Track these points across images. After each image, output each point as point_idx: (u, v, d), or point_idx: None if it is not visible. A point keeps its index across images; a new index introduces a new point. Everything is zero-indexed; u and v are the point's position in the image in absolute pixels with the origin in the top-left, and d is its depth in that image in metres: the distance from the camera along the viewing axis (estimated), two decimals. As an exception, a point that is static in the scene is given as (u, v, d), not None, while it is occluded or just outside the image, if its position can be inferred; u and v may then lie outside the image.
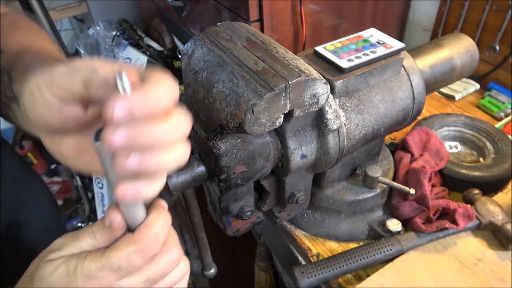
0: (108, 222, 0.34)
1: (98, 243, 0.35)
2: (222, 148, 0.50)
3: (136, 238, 0.34)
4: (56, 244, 0.36)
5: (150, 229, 0.34)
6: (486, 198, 0.73)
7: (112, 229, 0.34)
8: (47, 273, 0.34)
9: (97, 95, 0.31)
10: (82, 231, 0.36)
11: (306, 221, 0.76)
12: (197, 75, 0.52)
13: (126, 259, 0.33)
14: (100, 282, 0.33)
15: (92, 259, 0.34)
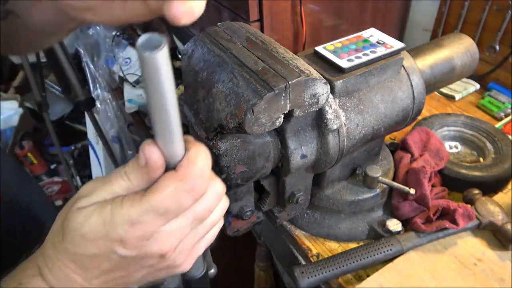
0: (144, 160, 0.30)
1: (133, 186, 0.31)
2: (222, 148, 0.50)
3: (183, 176, 0.30)
4: (84, 190, 0.32)
5: (195, 164, 0.30)
6: (486, 198, 0.73)
7: (149, 169, 0.30)
8: (77, 223, 0.30)
9: None
10: (113, 173, 0.32)
11: (306, 221, 0.76)
12: (197, 75, 0.52)
13: (174, 200, 0.30)
14: (144, 228, 0.30)
15: (131, 203, 0.30)
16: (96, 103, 1.47)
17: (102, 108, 1.46)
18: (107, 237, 0.30)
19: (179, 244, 0.33)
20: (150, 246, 0.31)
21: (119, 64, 1.34)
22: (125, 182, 0.31)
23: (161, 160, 0.30)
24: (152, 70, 0.24)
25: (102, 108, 1.45)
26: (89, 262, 0.31)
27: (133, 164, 0.31)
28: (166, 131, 0.29)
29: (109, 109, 1.45)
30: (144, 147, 0.30)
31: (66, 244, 0.31)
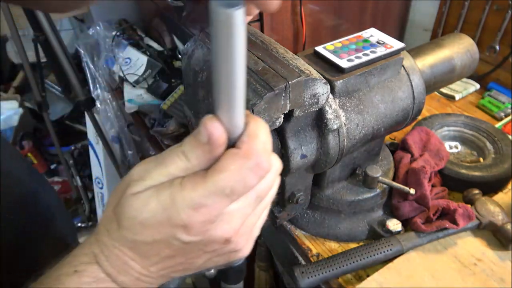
0: (206, 136, 0.27)
1: (192, 165, 0.28)
2: (222, 148, 0.50)
3: (247, 152, 0.27)
4: (136, 173, 0.30)
5: (258, 139, 0.28)
6: (486, 198, 0.73)
7: (212, 146, 0.27)
8: (135, 209, 0.28)
9: None
10: (167, 154, 0.29)
11: (306, 221, 0.76)
12: (197, 75, 0.52)
13: (240, 179, 0.27)
14: (208, 211, 0.28)
15: (192, 185, 0.27)
16: (96, 103, 1.47)
17: (102, 108, 1.45)
18: (169, 223, 0.28)
19: (242, 226, 0.30)
20: (215, 230, 0.29)
21: (119, 64, 1.34)
22: (182, 162, 0.28)
23: (224, 136, 0.27)
24: (227, 30, 0.22)
25: (102, 108, 1.45)
26: (148, 249, 0.29)
27: (191, 142, 0.28)
28: (232, 102, 0.26)
29: (109, 109, 1.45)
30: (206, 122, 0.27)
31: (123, 231, 0.29)
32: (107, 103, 1.45)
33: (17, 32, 1.52)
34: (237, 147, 0.28)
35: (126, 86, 1.32)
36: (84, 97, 1.59)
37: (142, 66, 1.32)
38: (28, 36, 1.80)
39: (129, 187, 0.29)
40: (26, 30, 1.99)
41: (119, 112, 1.45)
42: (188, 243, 0.29)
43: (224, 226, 0.29)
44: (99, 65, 1.42)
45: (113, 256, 0.30)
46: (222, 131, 0.27)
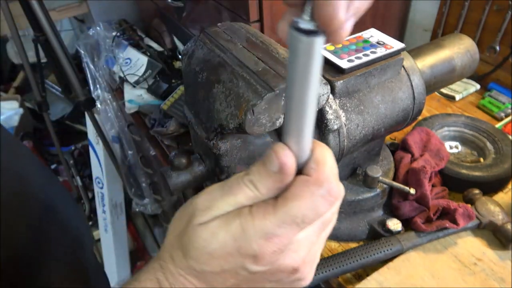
0: (277, 166, 0.26)
1: (261, 195, 0.28)
2: (223, 148, 0.50)
3: (318, 180, 0.27)
4: (201, 202, 0.29)
5: (327, 166, 0.27)
6: (486, 198, 0.73)
7: (284, 175, 0.27)
8: (203, 240, 0.28)
9: None
10: (233, 182, 0.28)
11: (306, 221, 0.76)
12: (197, 75, 0.52)
13: (313, 207, 0.27)
14: (280, 241, 0.27)
15: (263, 215, 0.27)
16: (96, 103, 1.47)
17: (102, 108, 1.46)
18: (239, 253, 0.28)
19: (308, 254, 0.30)
20: (283, 259, 0.28)
21: (119, 65, 1.34)
22: (251, 191, 0.28)
23: (295, 164, 0.27)
24: (305, 57, 0.22)
25: (102, 108, 1.45)
26: (214, 278, 0.29)
27: (260, 171, 0.27)
28: (302, 129, 0.26)
29: (109, 109, 1.45)
30: (278, 151, 0.27)
31: (189, 261, 0.29)
32: (107, 103, 1.45)
33: (17, 32, 1.52)
34: (307, 174, 0.27)
35: (126, 86, 1.32)
36: (84, 97, 1.58)
37: (142, 67, 1.32)
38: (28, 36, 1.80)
39: (194, 216, 0.29)
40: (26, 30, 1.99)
41: (119, 112, 1.45)
42: (255, 273, 0.29)
43: (293, 255, 0.29)
44: (99, 65, 1.42)
45: (178, 283, 0.30)
46: (293, 160, 0.27)
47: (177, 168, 0.52)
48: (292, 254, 0.29)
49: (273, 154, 0.27)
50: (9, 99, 2.27)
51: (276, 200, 0.27)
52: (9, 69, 2.55)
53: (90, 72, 1.44)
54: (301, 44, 0.22)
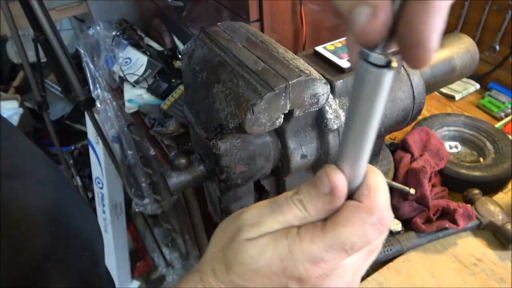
0: (328, 188, 0.26)
1: (310, 216, 0.28)
2: (222, 148, 0.50)
3: (370, 207, 0.26)
4: (249, 217, 0.29)
5: (380, 194, 0.27)
6: (486, 198, 0.73)
7: (334, 197, 0.27)
8: (250, 256, 0.28)
9: None
10: (283, 201, 0.29)
11: (306, 221, 0.76)
12: (197, 75, 0.52)
13: (362, 235, 0.26)
14: (327, 265, 0.27)
15: (311, 238, 0.27)
16: (96, 103, 1.47)
17: (102, 108, 1.45)
18: (283, 274, 0.27)
19: (352, 280, 0.30)
20: (327, 283, 0.28)
21: (119, 64, 1.34)
22: (300, 211, 0.28)
23: (346, 188, 0.27)
24: (373, 88, 0.22)
25: (102, 108, 1.45)
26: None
27: (311, 192, 0.28)
28: (359, 154, 0.26)
29: (109, 109, 1.45)
30: (330, 173, 0.27)
31: (232, 276, 0.29)
32: (107, 103, 1.45)
33: (17, 32, 1.52)
34: (358, 200, 0.27)
35: (126, 86, 1.32)
36: (84, 97, 1.58)
37: (142, 66, 1.32)
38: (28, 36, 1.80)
39: (242, 231, 0.29)
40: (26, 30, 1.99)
41: (119, 112, 1.45)
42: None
43: (337, 280, 0.29)
44: (99, 65, 1.42)
45: None
46: (345, 183, 0.27)
47: (177, 168, 0.52)
48: (337, 279, 0.28)
49: (324, 175, 0.27)
50: (9, 99, 2.27)
51: (325, 223, 0.27)
52: (9, 69, 2.55)
53: (90, 71, 1.44)
54: (371, 76, 0.21)
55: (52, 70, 1.88)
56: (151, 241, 2.21)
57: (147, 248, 2.22)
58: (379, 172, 0.28)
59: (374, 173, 0.28)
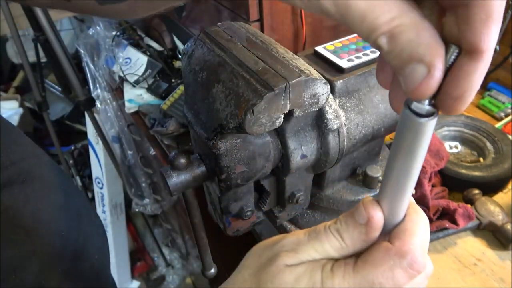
0: (365, 219, 0.28)
1: (346, 246, 0.29)
2: (222, 148, 0.50)
3: (401, 251, 0.27)
4: (288, 244, 0.30)
5: (415, 238, 0.27)
6: (486, 198, 0.73)
7: (369, 229, 0.28)
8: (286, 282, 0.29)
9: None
10: (321, 230, 0.30)
11: (306, 221, 0.75)
12: (197, 75, 0.52)
13: (391, 277, 0.27)
14: None
15: (342, 274, 0.28)
16: (96, 103, 1.47)
17: (102, 108, 1.45)
18: None
19: None
20: None
21: (119, 64, 1.34)
22: (337, 241, 0.29)
23: (382, 221, 0.28)
24: (417, 135, 0.23)
25: (102, 108, 1.45)
26: None
27: (348, 221, 0.29)
28: (398, 194, 0.27)
29: (109, 109, 1.45)
30: (367, 204, 0.28)
31: None
32: (107, 103, 1.45)
33: (17, 32, 1.52)
34: (392, 241, 0.28)
35: (126, 86, 1.32)
36: (84, 97, 1.59)
37: (142, 66, 1.32)
38: (28, 36, 1.80)
39: (280, 257, 0.29)
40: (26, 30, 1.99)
41: (119, 112, 1.45)
42: None
43: None
44: (99, 65, 1.42)
45: None
46: (381, 216, 0.28)
47: (177, 168, 0.52)
48: None
49: (362, 207, 0.28)
50: (9, 99, 2.27)
51: (357, 262, 0.28)
52: (9, 69, 2.55)
53: (90, 71, 1.44)
54: (417, 124, 0.22)
55: (52, 70, 1.88)
56: (151, 241, 2.21)
57: (147, 248, 2.22)
58: (421, 214, 0.29)
59: (414, 215, 0.28)
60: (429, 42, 0.20)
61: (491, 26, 0.20)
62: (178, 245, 1.93)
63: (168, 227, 1.81)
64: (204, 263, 0.64)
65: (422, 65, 0.21)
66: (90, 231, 0.58)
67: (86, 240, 0.55)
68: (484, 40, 0.20)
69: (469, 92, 0.21)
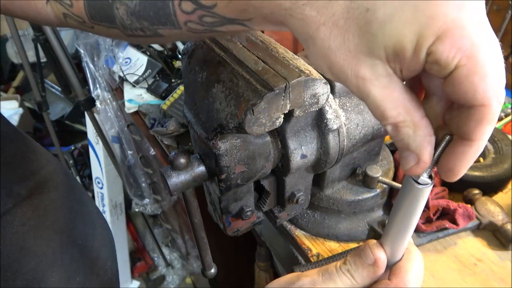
0: (372, 260, 0.33)
1: (357, 283, 0.33)
2: (222, 148, 0.50)
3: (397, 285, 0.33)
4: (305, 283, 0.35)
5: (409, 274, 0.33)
6: (486, 198, 0.73)
7: (377, 268, 0.33)
8: None
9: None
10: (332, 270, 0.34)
11: (306, 221, 0.76)
12: (197, 75, 0.52)
13: None
14: None
15: None
16: (96, 103, 1.47)
17: (102, 108, 1.45)
18: None
19: None
20: None
21: (119, 64, 1.34)
22: (349, 279, 0.33)
23: (386, 261, 0.33)
24: (415, 198, 0.30)
25: (102, 108, 1.45)
26: None
27: (357, 263, 0.33)
28: (398, 240, 0.33)
29: (109, 109, 1.45)
30: (373, 248, 0.33)
31: None
32: (107, 103, 1.45)
33: (17, 32, 1.52)
34: (390, 278, 0.33)
35: (126, 86, 1.32)
36: (84, 97, 1.59)
37: (142, 66, 1.32)
38: (28, 36, 1.80)
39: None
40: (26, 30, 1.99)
41: (119, 112, 1.45)
42: None
43: None
44: (99, 65, 1.42)
45: None
46: (385, 257, 0.33)
47: (177, 168, 0.52)
48: None
49: (368, 249, 0.33)
50: (9, 98, 2.27)
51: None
52: (9, 69, 2.55)
53: (89, 71, 1.44)
54: (415, 190, 0.29)
55: (52, 70, 1.88)
56: (151, 241, 2.21)
57: (147, 248, 2.22)
58: (416, 254, 0.34)
59: (409, 255, 0.34)
60: (422, 139, 0.26)
61: (485, 126, 0.24)
62: (178, 245, 1.93)
63: (168, 227, 1.80)
64: (204, 263, 0.64)
65: (414, 154, 0.27)
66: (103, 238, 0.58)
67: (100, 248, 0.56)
68: (476, 134, 0.25)
69: (461, 169, 0.26)
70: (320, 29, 0.26)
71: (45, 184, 0.50)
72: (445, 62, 0.23)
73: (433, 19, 0.22)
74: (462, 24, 0.22)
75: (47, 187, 0.50)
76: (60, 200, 0.51)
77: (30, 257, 0.44)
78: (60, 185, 0.52)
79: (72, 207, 0.53)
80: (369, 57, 0.25)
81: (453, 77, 0.23)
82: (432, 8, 0.22)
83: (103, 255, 0.57)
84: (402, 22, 0.23)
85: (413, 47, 0.23)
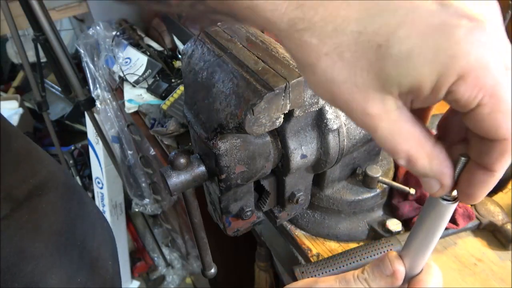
0: (391, 271, 0.33)
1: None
2: (222, 148, 0.50)
3: None
4: (324, 286, 0.35)
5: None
6: (486, 198, 0.73)
7: (395, 280, 0.33)
8: None
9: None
10: (350, 278, 0.35)
11: (306, 221, 0.76)
12: (197, 75, 0.52)
13: None
14: None
15: None
16: (96, 103, 1.47)
17: (102, 108, 1.45)
18: None
19: None
20: None
21: (119, 64, 1.34)
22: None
23: (404, 273, 0.33)
24: (440, 214, 0.30)
25: (102, 108, 1.45)
26: None
27: (375, 273, 0.34)
28: (419, 254, 0.33)
29: (109, 109, 1.45)
30: (393, 259, 0.33)
31: None
32: (107, 103, 1.45)
33: (17, 32, 1.52)
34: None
35: (126, 86, 1.32)
36: (84, 97, 1.58)
37: (142, 66, 1.32)
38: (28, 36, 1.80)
39: None
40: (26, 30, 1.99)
41: (119, 112, 1.45)
42: None
43: None
44: (99, 65, 1.42)
45: None
46: (403, 270, 0.33)
47: (177, 168, 0.52)
48: None
49: (387, 261, 0.33)
50: (9, 98, 2.27)
51: None
52: (9, 69, 2.55)
53: (90, 71, 1.44)
54: (439, 205, 0.29)
55: (52, 70, 1.88)
56: (151, 241, 2.21)
57: (147, 248, 2.22)
58: (434, 270, 0.34)
59: (428, 269, 0.34)
60: (439, 167, 0.26)
61: (508, 158, 0.26)
62: (178, 245, 1.93)
63: (168, 227, 1.80)
64: (204, 263, 0.64)
65: (435, 180, 0.26)
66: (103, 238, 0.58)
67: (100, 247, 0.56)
68: (498, 166, 0.26)
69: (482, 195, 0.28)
70: (322, 59, 0.23)
71: (44, 186, 0.50)
72: (466, 101, 0.22)
73: (456, 59, 0.21)
74: (485, 62, 0.21)
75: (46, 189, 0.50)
76: (59, 201, 0.51)
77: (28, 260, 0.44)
78: (59, 187, 0.52)
79: (71, 208, 0.53)
80: (379, 93, 0.23)
81: (475, 114, 0.22)
82: (455, 47, 0.21)
83: (104, 255, 0.57)
84: (421, 61, 0.22)
85: (432, 87, 0.22)
